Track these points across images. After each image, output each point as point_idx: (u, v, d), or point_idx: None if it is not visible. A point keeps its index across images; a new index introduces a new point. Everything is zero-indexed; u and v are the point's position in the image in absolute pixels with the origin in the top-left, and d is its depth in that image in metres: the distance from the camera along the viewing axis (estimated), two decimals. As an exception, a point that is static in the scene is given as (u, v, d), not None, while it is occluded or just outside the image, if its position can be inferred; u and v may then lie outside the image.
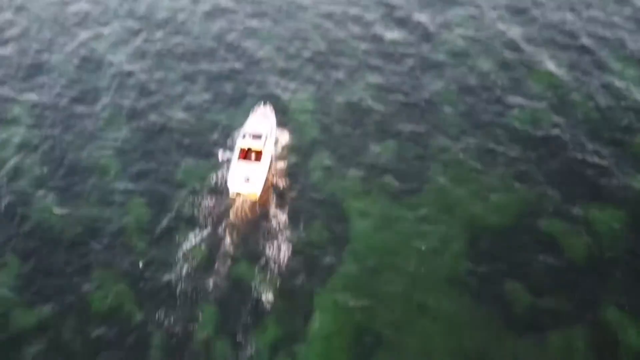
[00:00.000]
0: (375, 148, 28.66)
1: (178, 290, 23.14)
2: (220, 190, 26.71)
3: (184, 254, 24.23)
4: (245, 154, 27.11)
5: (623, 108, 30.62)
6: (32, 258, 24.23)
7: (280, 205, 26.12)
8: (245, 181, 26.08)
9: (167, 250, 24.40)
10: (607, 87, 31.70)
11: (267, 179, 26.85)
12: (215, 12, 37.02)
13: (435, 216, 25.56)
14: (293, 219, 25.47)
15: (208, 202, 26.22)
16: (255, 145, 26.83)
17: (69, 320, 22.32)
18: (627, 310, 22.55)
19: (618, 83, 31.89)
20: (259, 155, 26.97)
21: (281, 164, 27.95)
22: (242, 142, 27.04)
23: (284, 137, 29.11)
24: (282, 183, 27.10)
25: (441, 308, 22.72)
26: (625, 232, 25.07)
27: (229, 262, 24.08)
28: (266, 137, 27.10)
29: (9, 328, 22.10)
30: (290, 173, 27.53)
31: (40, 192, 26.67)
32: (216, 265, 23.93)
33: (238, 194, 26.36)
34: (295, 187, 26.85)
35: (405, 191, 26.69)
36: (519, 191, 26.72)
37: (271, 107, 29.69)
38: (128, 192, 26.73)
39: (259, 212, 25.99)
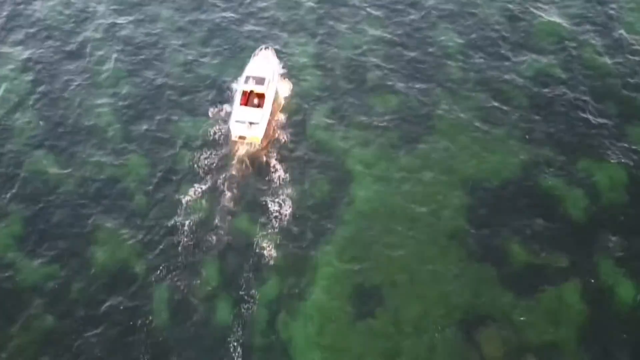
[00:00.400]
0: (377, 104, 28.09)
1: (180, 247, 23.31)
2: (218, 145, 26.38)
3: (185, 211, 24.23)
4: (248, 98, 26.76)
5: (633, 64, 29.79)
6: (33, 218, 24.12)
7: (280, 162, 25.88)
8: (248, 125, 25.89)
9: (168, 207, 24.38)
10: (618, 41, 30.71)
11: (268, 124, 26.55)
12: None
13: (436, 176, 25.40)
14: (294, 178, 25.30)
15: (207, 157, 25.95)
16: (258, 88, 26.55)
17: (74, 278, 22.52)
18: (620, 268, 22.86)
19: (630, 37, 30.87)
20: (261, 98, 26.69)
21: (282, 112, 27.47)
22: (244, 85, 26.70)
23: (286, 83, 28.55)
24: (282, 136, 26.75)
25: (439, 264, 23.00)
26: (626, 193, 25.02)
27: (230, 218, 24.15)
28: (269, 81, 26.80)
29: (14, 288, 22.34)
30: (291, 130, 27.12)
31: (36, 151, 26.22)
32: (218, 221, 24.00)
33: (241, 138, 26.13)
34: (295, 145, 26.51)
35: (406, 150, 26.38)
36: (522, 150, 26.44)
37: (273, 50, 29.01)
38: (126, 149, 26.36)
39: (260, 164, 25.72)
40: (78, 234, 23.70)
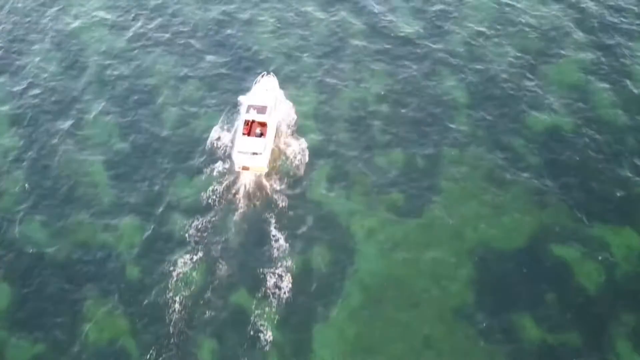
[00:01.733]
0: (381, 167, 26.92)
1: (171, 326, 22.15)
2: (212, 210, 25.29)
3: (177, 284, 23.09)
4: (250, 127, 26.62)
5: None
6: (20, 293, 23.21)
7: (280, 231, 24.71)
8: (252, 154, 25.55)
9: (160, 280, 23.31)
10: (631, 97, 29.27)
11: (273, 152, 26.20)
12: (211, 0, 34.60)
13: (443, 246, 24.25)
14: (294, 248, 24.14)
15: (200, 224, 24.84)
16: (259, 117, 26.44)
17: (63, 354, 21.59)
18: (637, 346, 21.66)
19: (643, 92, 29.67)
20: (263, 127, 26.52)
21: (284, 174, 26.47)
22: (246, 115, 26.59)
23: (287, 108, 28.21)
24: (283, 201, 25.48)
25: (446, 342, 21.92)
26: (642, 260, 23.87)
27: (226, 292, 23.04)
28: (270, 109, 26.67)
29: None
30: (292, 194, 25.89)
31: (24, 220, 25.27)
32: (211, 297, 22.88)
33: (244, 168, 25.71)
34: (297, 211, 25.35)
35: (412, 211, 25.28)
36: (532, 213, 25.26)
37: (274, 77, 28.54)
38: (117, 216, 25.33)
39: (259, 232, 24.61)
40: (67, 310, 22.74)
